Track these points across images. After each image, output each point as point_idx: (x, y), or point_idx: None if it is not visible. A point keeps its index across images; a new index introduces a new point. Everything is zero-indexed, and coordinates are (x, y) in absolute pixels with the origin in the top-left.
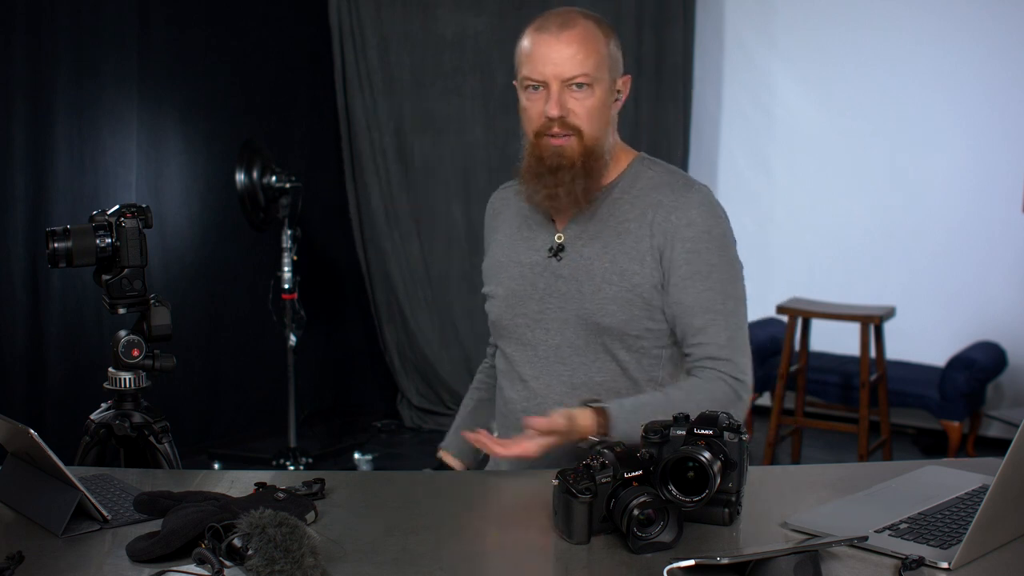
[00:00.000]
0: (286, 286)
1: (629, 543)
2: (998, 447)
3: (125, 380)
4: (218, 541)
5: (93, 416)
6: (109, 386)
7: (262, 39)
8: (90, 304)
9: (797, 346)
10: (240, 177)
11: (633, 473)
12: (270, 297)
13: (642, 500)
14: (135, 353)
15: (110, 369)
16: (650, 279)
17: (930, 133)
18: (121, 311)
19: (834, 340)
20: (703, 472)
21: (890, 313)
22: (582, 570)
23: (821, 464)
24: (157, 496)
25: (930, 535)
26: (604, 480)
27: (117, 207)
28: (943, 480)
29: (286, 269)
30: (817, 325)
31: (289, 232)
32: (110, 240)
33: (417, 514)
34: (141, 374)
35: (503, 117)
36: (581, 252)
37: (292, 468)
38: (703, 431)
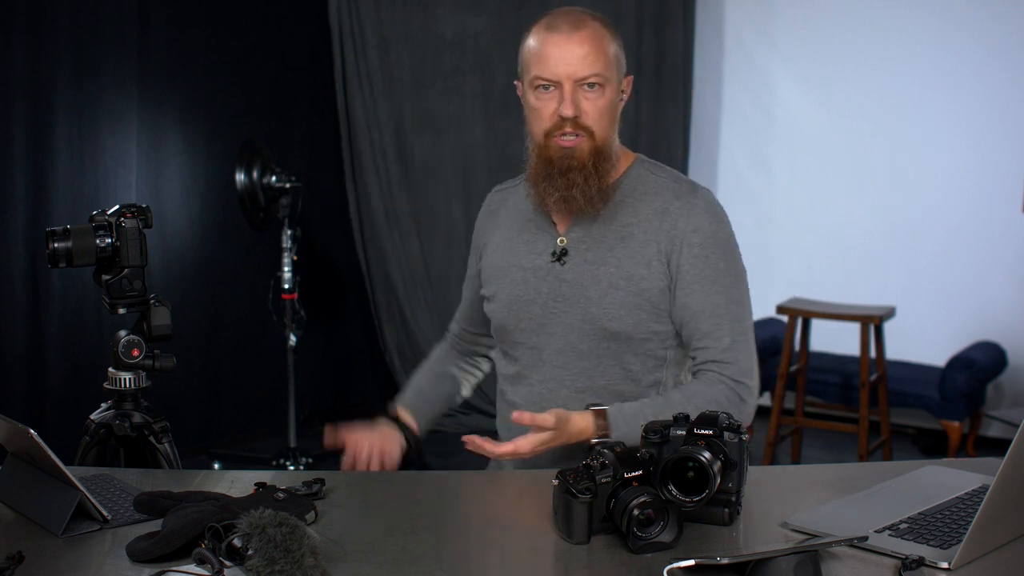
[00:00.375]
0: (286, 286)
1: (629, 543)
2: (998, 447)
3: (125, 380)
4: (218, 541)
5: (93, 416)
6: (109, 386)
7: (262, 39)
8: (90, 304)
9: (797, 346)
10: (240, 177)
11: (633, 473)
12: (270, 297)
13: (642, 500)
14: (135, 353)
15: (110, 369)
16: (657, 283)
17: (930, 133)
18: (121, 311)
19: (834, 340)
20: (703, 472)
21: (890, 313)
22: (582, 570)
23: (821, 464)
24: (157, 496)
25: (930, 535)
26: (604, 480)
27: (117, 207)
28: (943, 480)
29: (286, 269)
30: (817, 325)
31: (289, 232)
32: (110, 240)
33: (417, 514)
34: (141, 374)
35: (503, 117)
36: (585, 256)
37: (292, 468)
38: (703, 431)
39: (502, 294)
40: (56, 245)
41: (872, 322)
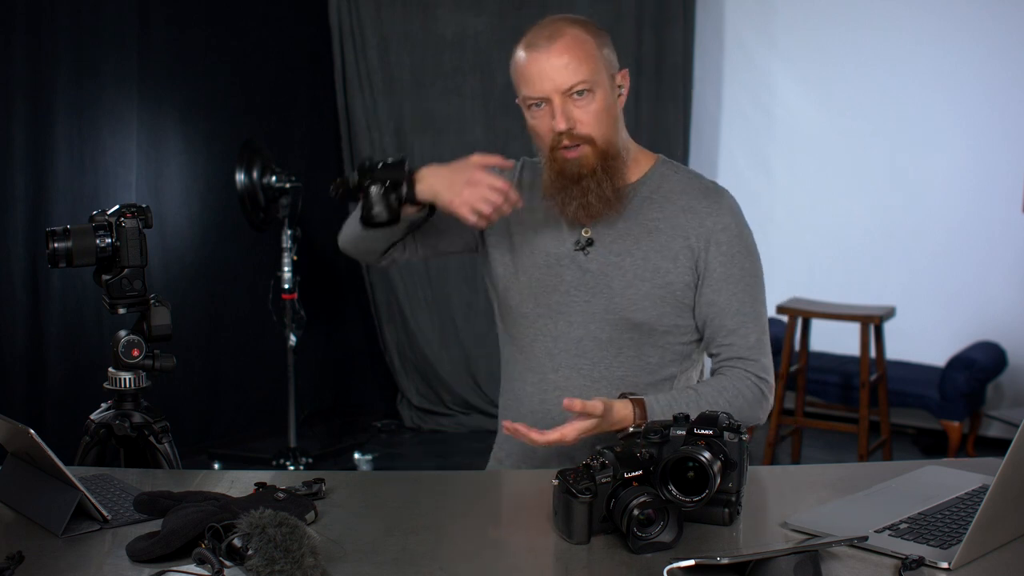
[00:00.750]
0: (286, 286)
1: (629, 543)
2: (998, 447)
3: (125, 380)
4: (218, 541)
5: (93, 416)
6: (109, 386)
7: (262, 39)
8: (90, 304)
9: (797, 346)
10: (240, 177)
11: (633, 473)
12: (270, 297)
13: (642, 500)
14: (135, 353)
15: (110, 369)
16: (683, 277)
17: (930, 133)
18: (121, 311)
19: (834, 340)
20: (703, 472)
21: (890, 313)
22: (582, 570)
23: (821, 464)
24: (157, 496)
25: (930, 535)
26: (604, 480)
27: (117, 207)
28: (943, 480)
29: (286, 269)
30: (817, 325)
31: (289, 232)
32: (110, 240)
33: (417, 514)
34: (141, 374)
35: (503, 117)
36: (610, 248)
37: (292, 468)
38: (703, 431)
39: (523, 277)
40: (56, 245)
41: (872, 322)
